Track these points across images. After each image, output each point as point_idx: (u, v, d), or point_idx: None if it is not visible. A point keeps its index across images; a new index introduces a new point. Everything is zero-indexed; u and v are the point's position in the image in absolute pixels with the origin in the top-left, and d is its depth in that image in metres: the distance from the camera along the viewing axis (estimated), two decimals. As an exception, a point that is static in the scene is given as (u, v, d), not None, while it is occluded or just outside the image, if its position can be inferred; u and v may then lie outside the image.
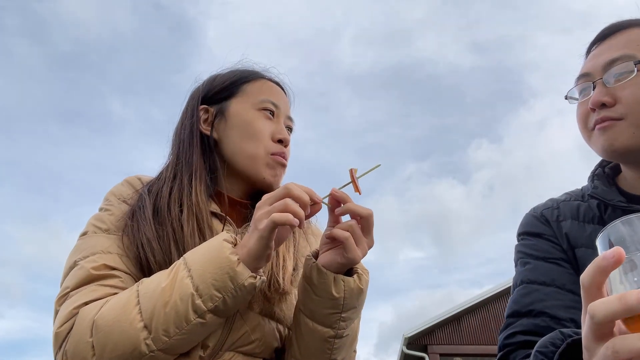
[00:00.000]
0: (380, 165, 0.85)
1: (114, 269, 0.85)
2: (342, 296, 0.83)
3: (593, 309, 0.44)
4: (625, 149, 0.86)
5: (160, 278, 0.79)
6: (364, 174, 0.86)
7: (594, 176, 0.99)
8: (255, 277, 0.78)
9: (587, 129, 0.92)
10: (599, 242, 0.50)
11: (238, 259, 0.77)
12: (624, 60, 0.87)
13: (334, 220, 0.86)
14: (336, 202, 0.85)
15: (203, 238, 0.90)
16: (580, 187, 1.04)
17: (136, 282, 0.86)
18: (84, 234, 0.93)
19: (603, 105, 0.87)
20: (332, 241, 0.85)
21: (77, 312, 0.79)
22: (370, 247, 0.85)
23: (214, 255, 0.78)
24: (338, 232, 0.82)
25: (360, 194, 0.86)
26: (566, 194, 1.03)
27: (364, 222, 0.83)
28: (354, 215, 0.84)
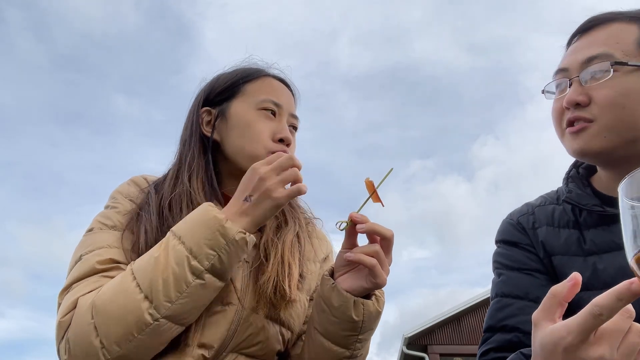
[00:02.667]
0: (392, 169, 0.83)
1: (119, 262, 0.85)
2: (361, 319, 0.83)
3: (599, 309, 0.48)
4: (596, 153, 0.85)
5: (151, 252, 0.80)
6: (380, 183, 0.84)
7: (568, 178, 0.97)
8: (245, 233, 0.79)
9: (561, 127, 0.90)
10: (621, 189, 0.50)
11: (225, 217, 0.79)
12: (602, 59, 0.84)
13: (351, 243, 0.85)
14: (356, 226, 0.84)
15: None
16: (555, 189, 1.01)
17: None
18: (90, 230, 0.93)
19: (577, 105, 0.85)
20: (352, 263, 0.84)
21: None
22: (390, 265, 0.85)
23: (201, 218, 0.80)
24: (365, 259, 0.80)
25: (383, 205, 0.85)
26: (541, 197, 1.01)
27: (386, 243, 0.82)
28: (375, 235, 0.83)
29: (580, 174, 0.96)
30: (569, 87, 0.88)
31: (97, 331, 0.74)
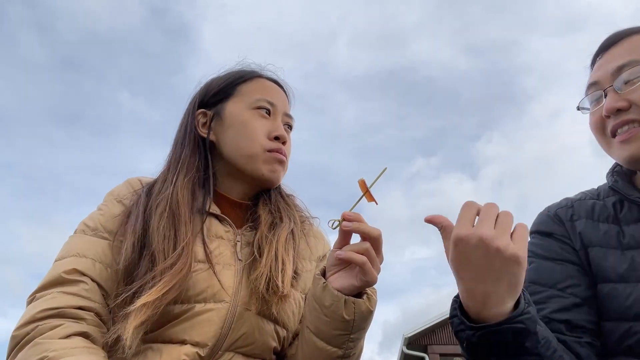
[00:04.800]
0: (386, 168, 0.83)
1: (83, 274, 0.86)
2: (352, 318, 0.83)
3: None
4: None
5: None
6: (374, 182, 0.84)
7: (613, 172, 1.00)
8: None
9: (606, 136, 0.93)
10: None
11: None
12: (632, 65, 0.88)
13: (344, 242, 0.85)
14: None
15: (175, 232, 0.90)
16: (596, 187, 1.04)
17: (101, 292, 0.87)
18: (74, 232, 0.95)
19: (618, 111, 0.88)
20: (343, 262, 0.84)
21: (37, 326, 0.79)
22: (381, 263, 0.84)
23: None
24: (355, 256, 0.80)
25: (377, 204, 0.85)
26: (582, 193, 1.04)
27: (375, 242, 0.83)
28: (364, 235, 0.83)
29: (623, 170, 0.99)
30: (604, 98, 0.91)
31: None
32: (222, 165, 1.05)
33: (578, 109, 1.00)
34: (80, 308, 0.83)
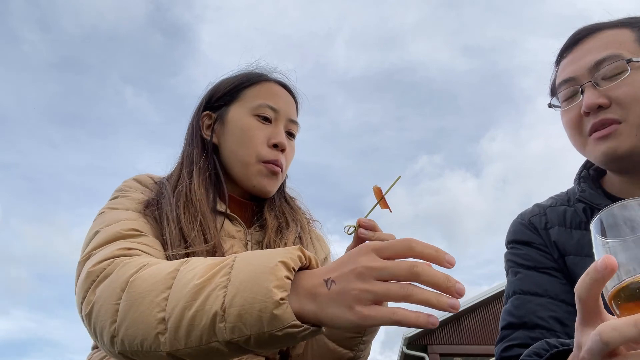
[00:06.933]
0: (400, 176, 0.83)
1: (141, 232, 0.83)
2: None
3: (606, 337, 0.42)
4: (628, 154, 0.82)
5: (201, 268, 0.64)
6: (388, 190, 0.84)
7: (579, 178, 0.95)
8: (300, 326, 0.57)
9: (582, 135, 0.88)
10: (593, 227, 0.49)
11: (282, 300, 0.56)
12: (613, 60, 0.83)
13: None
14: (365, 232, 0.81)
15: (200, 224, 0.90)
16: (565, 191, 1.01)
17: (161, 246, 0.84)
18: (101, 212, 0.90)
19: (599, 108, 0.83)
20: None
21: (114, 260, 0.72)
22: None
23: (258, 276, 0.59)
24: None
25: (391, 211, 0.85)
26: (552, 198, 1.01)
27: None
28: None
29: (591, 175, 0.95)
30: (582, 94, 0.86)
31: (117, 316, 0.66)
32: (225, 168, 1.05)
33: (550, 106, 0.95)
34: (147, 253, 0.78)
